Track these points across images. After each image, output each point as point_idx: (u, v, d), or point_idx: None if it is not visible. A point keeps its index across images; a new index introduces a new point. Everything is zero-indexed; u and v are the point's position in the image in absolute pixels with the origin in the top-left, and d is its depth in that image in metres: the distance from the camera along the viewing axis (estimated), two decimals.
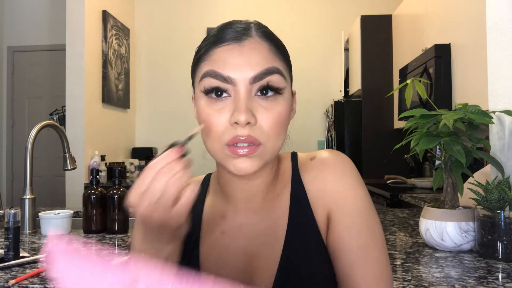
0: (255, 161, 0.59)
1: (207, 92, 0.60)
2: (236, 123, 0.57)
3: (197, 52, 0.64)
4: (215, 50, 0.60)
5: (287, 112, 0.62)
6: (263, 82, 0.59)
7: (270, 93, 0.60)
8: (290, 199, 0.68)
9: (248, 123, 0.57)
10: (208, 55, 0.61)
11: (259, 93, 0.59)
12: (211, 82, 0.59)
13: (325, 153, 0.70)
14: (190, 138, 0.56)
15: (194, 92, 0.65)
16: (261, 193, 0.68)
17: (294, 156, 0.72)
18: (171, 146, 0.54)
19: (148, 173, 0.52)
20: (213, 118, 0.59)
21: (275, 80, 0.60)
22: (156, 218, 0.53)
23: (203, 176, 0.78)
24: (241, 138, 0.57)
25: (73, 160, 1.57)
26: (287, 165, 0.71)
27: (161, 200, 0.51)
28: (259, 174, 0.64)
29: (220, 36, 0.61)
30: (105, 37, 3.57)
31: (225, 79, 0.59)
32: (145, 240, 0.57)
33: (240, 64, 0.58)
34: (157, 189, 0.51)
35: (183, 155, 0.54)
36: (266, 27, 0.65)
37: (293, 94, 0.67)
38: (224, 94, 0.59)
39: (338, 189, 0.66)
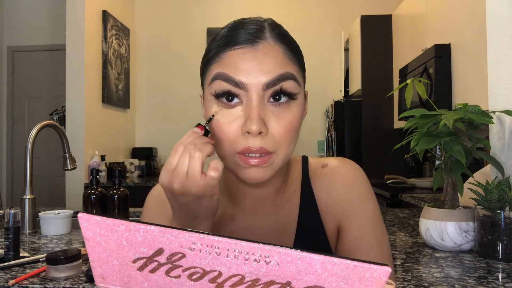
0: (267, 171, 0.58)
1: (218, 96, 0.58)
2: (248, 132, 0.55)
3: (206, 53, 0.62)
4: (227, 53, 0.58)
5: (300, 118, 0.60)
6: (276, 88, 0.57)
7: (283, 99, 0.57)
8: (299, 206, 0.67)
9: (260, 132, 0.55)
10: (219, 57, 0.58)
11: (271, 99, 0.57)
12: (222, 86, 0.57)
13: (336, 162, 0.70)
14: (210, 119, 0.57)
15: (203, 92, 0.63)
16: (270, 198, 0.67)
17: (304, 160, 0.71)
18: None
19: (175, 152, 0.52)
20: (223, 124, 0.57)
21: (288, 86, 0.57)
22: (188, 192, 0.52)
23: None
24: (253, 149, 0.56)
25: (73, 160, 1.57)
26: (297, 170, 0.70)
27: (189, 174, 0.51)
28: (268, 180, 0.62)
29: (232, 37, 0.58)
30: (105, 37, 3.57)
31: (237, 84, 0.56)
32: (177, 218, 0.57)
33: (253, 69, 0.56)
34: (184, 164, 0.51)
35: (206, 134, 0.55)
36: (280, 27, 0.62)
37: (305, 95, 0.64)
38: (235, 100, 0.57)
39: (349, 201, 0.66)
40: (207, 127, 0.56)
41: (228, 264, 0.32)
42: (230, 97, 0.57)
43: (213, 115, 0.57)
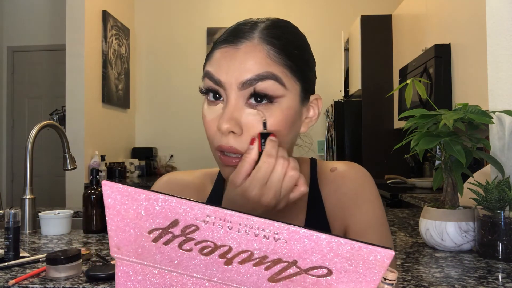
0: None
1: (203, 92, 0.60)
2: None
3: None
4: (215, 51, 0.59)
5: (283, 123, 0.57)
6: (252, 88, 0.56)
7: (264, 101, 0.56)
8: (307, 209, 0.67)
9: (232, 132, 0.56)
10: (211, 55, 0.60)
11: (252, 100, 0.56)
12: (207, 84, 0.59)
13: (345, 166, 0.70)
14: (264, 123, 0.56)
15: None
16: None
17: (313, 163, 0.71)
18: (263, 134, 0.55)
19: (268, 165, 0.52)
20: (206, 121, 0.59)
21: (266, 86, 0.56)
22: (275, 206, 0.53)
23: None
24: (224, 147, 0.56)
25: (73, 160, 1.57)
26: (305, 173, 0.70)
27: (283, 190, 0.52)
28: None
29: (224, 36, 0.60)
30: (105, 37, 3.57)
31: (217, 82, 0.57)
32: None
33: (231, 68, 0.56)
34: (278, 179, 0.52)
35: (268, 135, 0.56)
36: (276, 28, 0.60)
37: (309, 100, 0.63)
38: (221, 98, 0.58)
39: (356, 205, 0.67)
40: (265, 130, 0.56)
41: (238, 239, 0.33)
42: (217, 95, 0.59)
43: (265, 120, 0.56)
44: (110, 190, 0.34)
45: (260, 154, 0.54)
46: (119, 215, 0.35)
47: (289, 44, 0.59)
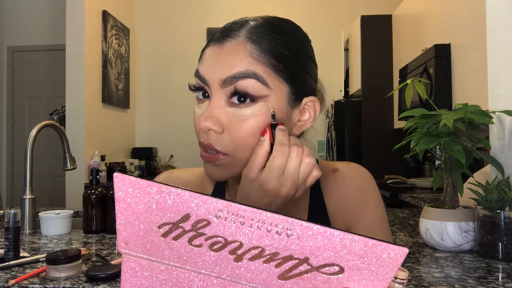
0: (223, 170, 0.58)
1: (193, 90, 0.61)
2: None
3: None
4: (205, 50, 0.60)
5: (266, 124, 0.55)
6: (232, 86, 0.55)
7: (247, 100, 0.55)
8: (308, 210, 0.67)
9: (211, 130, 0.56)
10: (202, 53, 0.61)
11: (235, 100, 0.56)
12: (196, 82, 0.59)
13: (347, 167, 0.70)
14: (273, 115, 0.56)
15: None
16: None
17: None
18: (273, 125, 0.55)
19: (282, 154, 0.52)
20: (194, 118, 0.60)
21: (247, 85, 0.54)
22: (293, 195, 0.53)
23: None
24: (204, 143, 0.57)
25: (73, 160, 1.57)
26: None
27: (300, 176, 0.52)
28: None
29: (214, 35, 0.60)
30: (105, 37, 3.57)
31: (203, 80, 0.58)
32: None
33: (214, 66, 0.56)
34: (295, 167, 0.52)
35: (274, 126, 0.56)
36: (266, 27, 0.58)
37: (303, 102, 0.60)
38: (209, 96, 0.59)
39: (358, 207, 0.66)
40: (275, 121, 0.56)
41: (250, 234, 0.32)
42: (206, 94, 0.59)
43: (273, 111, 0.56)
44: (122, 183, 0.33)
45: (272, 145, 0.54)
46: (130, 208, 0.34)
47: (277, 44, 0.57)
